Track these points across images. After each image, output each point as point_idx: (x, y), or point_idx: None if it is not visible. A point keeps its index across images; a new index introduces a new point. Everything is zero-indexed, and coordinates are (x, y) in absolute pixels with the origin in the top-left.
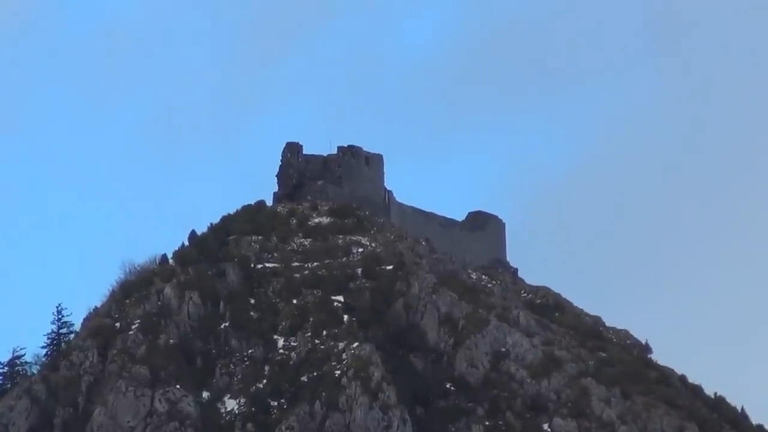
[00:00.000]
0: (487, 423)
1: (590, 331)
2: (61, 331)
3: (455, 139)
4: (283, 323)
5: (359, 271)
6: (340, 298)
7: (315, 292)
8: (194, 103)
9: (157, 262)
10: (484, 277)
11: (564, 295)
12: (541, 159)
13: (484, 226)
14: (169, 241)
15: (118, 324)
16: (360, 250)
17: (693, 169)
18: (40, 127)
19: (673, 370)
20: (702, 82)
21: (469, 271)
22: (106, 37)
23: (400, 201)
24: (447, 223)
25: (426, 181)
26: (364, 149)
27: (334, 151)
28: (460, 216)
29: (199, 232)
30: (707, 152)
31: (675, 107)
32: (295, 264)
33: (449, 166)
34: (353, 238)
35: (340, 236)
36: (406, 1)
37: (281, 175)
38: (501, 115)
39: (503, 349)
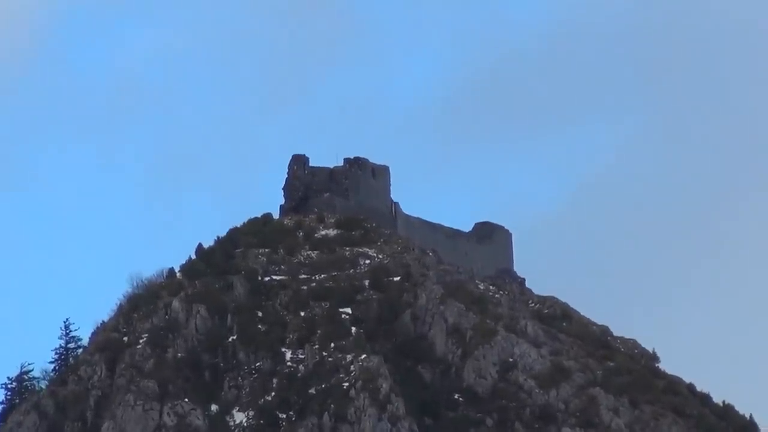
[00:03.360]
0: None
1: (598, 341)
2: (69, 345)
3: (461, 153)
4: (291, 336)
5: (366, 282)
6: (348, 309)
7: (322, 304)
8: (201, 117)
9: (165, 275)
10: (491, 287)
11: (571, 305)
12: (548, 174)
13: (490, 236)
14: (177, 255)
15: (125, 338)
16: (367, 261)
17: (698, 176)
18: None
19: (681, 378)
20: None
21: (476, 281)
22: (121, 66)
23: (406, 212)
24: (453, 233)
25: (432, 193)
26: (371, 161)
27: (341, 163)
28: (466, 227)
29: (206, 246)
30: (710, 160)
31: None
32: (303, 276)
33: (455, 178)
34: (360, 249)
35: (347, 248)
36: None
37: (288, 188)
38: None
39: (511, 360)
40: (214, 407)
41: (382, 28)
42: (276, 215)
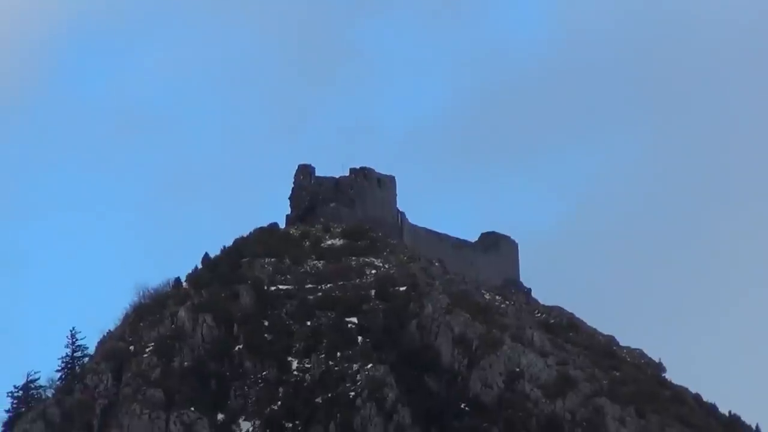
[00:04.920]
0: None
1: (604, 351)
2: (75, 354)
3: (467, 164)
4: (297, 345)
5: (372, 292)
6: (354, 319)
7: (329, 313)
8: (208, 127)
9: (171, 285)
10: (497, 297)
11: (577, 315)
12: (553, 185)
13: (496, 246)
14: (183, 264)
15: (132, 347)
16: (373, 271)
17: (704, 187)
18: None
19: (687, 388)
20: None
21: (482, 291)
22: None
23: (412, 222)
24: (459, 244)
25: (438, 203)
26: (377, 171)
27: (347, 173)
28: (472, 237)
29: (212, 255)
30: (713, 173)
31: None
32: (309, 286)
33: (461, 188)
34: (366, 259)
35: (353, 258)
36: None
37: (294, 198)
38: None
39: (517, 369)
40: (220, 416)
41: (390, 47)
42: (282, 225)
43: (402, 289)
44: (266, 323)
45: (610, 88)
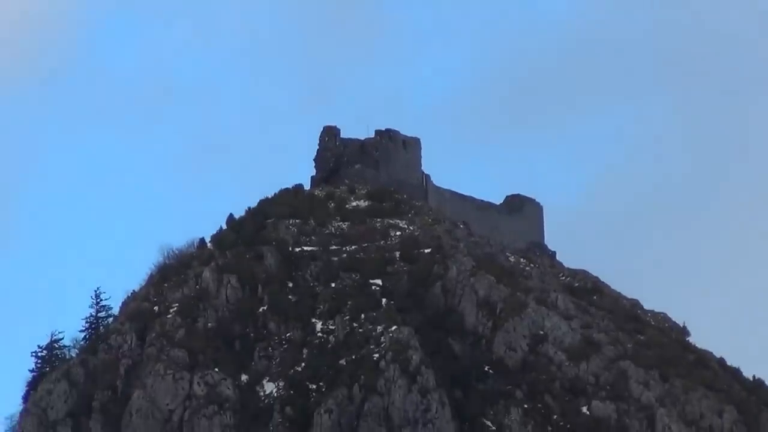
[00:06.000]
0: (525, 406)
1: (628, 314)
2: (99, 314)
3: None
4: (321, 307)
5: (397, 254)
6: (378, 281)
7: (353, 275)
8: (234, 90)
9: (195, 245)
10: (522, 260)
11: (602, 279)
12: (579, 150)
13: (521, 209)
14: (207, 225)
15: (156, 308)
16: (398, 233)
17: (733, 145)
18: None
19: (711, 352)
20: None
21: (506, 254)
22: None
23: (437, 184)
24: (484, 206)
25: (463, 165)
26: (402, 133)
27: (372, 135)
28: (497, 199)
29: (236, 216)
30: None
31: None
32: (333, 247)
33: (487, 150)
34: (391, 221)
35: (378, 220)
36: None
37: (319, 159)
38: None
39: (541, 332)
40: (244, 377)
41: (418, 15)
42: (307, 186)
43: (426, 251)
44: (290, 285)
45: (638, 52)
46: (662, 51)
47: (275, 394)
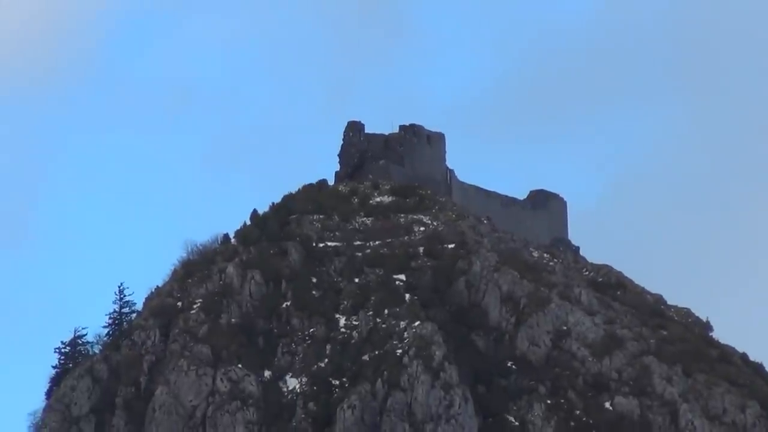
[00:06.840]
0: (548, 401)
1: (652, 310)
2: (123, 310)
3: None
4: (345, 302)
5: (421, 249)
6: (402, 276)
7: (377, 270)
8: (259, 86)
9: (219, 241)
10: (545, 255)
11: (626, 274)
12: (603, 146)
13: (545, 204)
14: (231, 221)
15: (179, 303)
16: (422, 228)
17: (756, 143)
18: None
19: (734, 348)
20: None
21: (530, 249)
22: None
23: (461, 180)
24: (508, 201)
25: (487, 160)
26: (426, 128)
27: (396, 130)
28: (521, 195)
29: (260, 212)
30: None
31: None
32: (357, 243)
33: (511, 146)
34: (415, 216)
35: (402, 215)
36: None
37: (343, 155)
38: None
39: (565, 328)
40: (267, 373)
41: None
42: (331, 182)
43: (450, 246)
44: (314, 280)
45: (659, 52)
46: (685, 51)
47: (298, 390)
